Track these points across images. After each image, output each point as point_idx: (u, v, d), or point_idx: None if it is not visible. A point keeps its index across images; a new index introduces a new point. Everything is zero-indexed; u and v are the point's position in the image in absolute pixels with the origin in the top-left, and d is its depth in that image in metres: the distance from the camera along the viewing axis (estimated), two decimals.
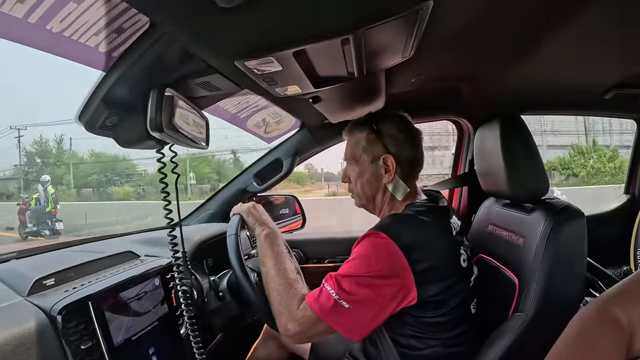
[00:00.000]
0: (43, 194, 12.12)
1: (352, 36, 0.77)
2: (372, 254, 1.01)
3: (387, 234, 1.01)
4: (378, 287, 0.98)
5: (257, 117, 1.60)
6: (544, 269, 1.05)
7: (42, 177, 13.13)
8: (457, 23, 0.91)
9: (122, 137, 0.96)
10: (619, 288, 0.71)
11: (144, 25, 0.77)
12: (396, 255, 0.98)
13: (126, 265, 1.16)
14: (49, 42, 0.76)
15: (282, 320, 1.06)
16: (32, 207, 12.34)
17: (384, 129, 1.18)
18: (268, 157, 1.89)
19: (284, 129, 1.87)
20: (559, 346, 0.69)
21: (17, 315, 0.87)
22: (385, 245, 1.00)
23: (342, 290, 0.99)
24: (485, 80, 1.36)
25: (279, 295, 1.08)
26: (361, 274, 0.99)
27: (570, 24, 0.95)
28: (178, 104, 0.89)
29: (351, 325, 1.00)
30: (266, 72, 0.87)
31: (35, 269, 1.07)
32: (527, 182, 1.19)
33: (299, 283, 1.11)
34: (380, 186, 1.20)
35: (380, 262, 0.99)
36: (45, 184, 12.27)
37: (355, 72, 0.94)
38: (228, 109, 1.43)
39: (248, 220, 1.22)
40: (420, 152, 1.20)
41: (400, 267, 0.98)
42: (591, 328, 0.68)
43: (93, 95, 0.88)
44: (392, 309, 1.01)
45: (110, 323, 0.97)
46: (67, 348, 0.87)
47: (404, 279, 0.99)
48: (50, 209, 12.02)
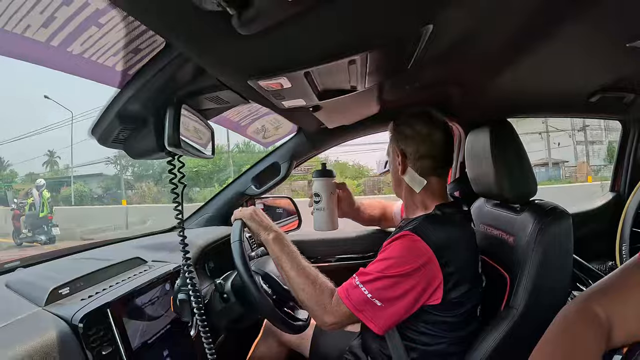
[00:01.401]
0: (38, 198, 11.56)
1: (359, 57, 0.83)
2: (404, 254, 1.06)
3: (419, 235, 1.07)
4: (410, 287, 1.04)
5: (257, 124, 1.64)
6: (532, 266, 1.12)
7: (37, 181, 12.52)
8: (452, 40, 0.97)
9: (134, 149, 0.99)
10: (598, 286, 0.78)
11: (159, 45, 0.80)
12: (428, 255, 1.04)
13: (136, 272, 1.19)
14: (68, 64, 0.79)
15: (317, 314, 1.12)
16: (27, 213, 11.79)
17: (399, 126, 1.27)
18: (266, 161, 1.93)
19: (282, 134, 1.92)
20: (543, 342, 0.74)
21: (39, 325, 0.89)
22: (418, 246, 1.06)
23: (375, 289, 1.05)
24: (475, 87, 1.41)
25: (306, 294, 1.13)
26: (394, 273, 1.05)
27: (554, 34, 1.00)
28: (191, 119, 0.93)
29: (381, 321, 1.06)
30: (276, 90, 0.92)
31: (47, 278, 1.09)
32: (516, 184, 1.25)
33: (321, 277, 1.17)
34: (399, 178, 1.28)
35: (412, 262, 1.04)
36: (40, 188, 11.70)
37: (357, 86, 1.00)
38: (230, 117, 1.46)
39: (251, 226, 1.25)
40: (438, 150, 1.23)
41: (432, 267, 1.04)
42: (572, 324, 0.74)
43: (107, 110, 0.91)
44: (419, 306, 1.07)
45: (128, 328, 1.01)
46: (89, 355, 0.90)
47: (434, 279, 1.05)
48: (46, 214, 11.48)
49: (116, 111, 0.90)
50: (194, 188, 25.45)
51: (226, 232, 1.60)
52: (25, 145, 60.76)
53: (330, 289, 1.14)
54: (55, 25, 0.71)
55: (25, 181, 42.63)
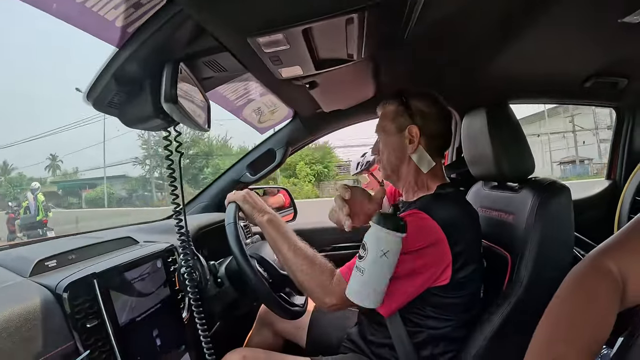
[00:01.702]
0: (33, 202, 11.48)
1: (356, 15, 0.84)
2: (413, 232, 1.00)
3: (427, 213, 1.04)
4: (417, 266, 1.02)
5: (253, 105, 1.64)
6: (534, 241, 1.11)
7: (32, 184, 12.45)
8: (447, 11, 0.99)
9: (129, 115, 0.98)
10: (609, 243, 0.75)
11: (160, 1, 0.81)
12: (437, 234, 1.02)
13: (127, 250, 1.17)
14: (70, 10, 0.78)
15: (317, 295, 1.09)
16: (21, 216, 11.71)
17: (412, 102, 1.22)
18: (261, 148, 1.92)
19: (277, 119, 1.91)
20: (555, 301, 0.71)
21: (21, 293, 0.86)
22: (426, 225, 1.03)
23: None
24: (470, 70, 1.43)
25: (305, 274, 1.10)
26: (403, 250, 0.99)
27: (549, 17, 1.03)
28: (188, 81, 0.93)
29: (385, 300, 0.99)
30: (274, 51, 0.92)
31: (34, 252, 1.07)
32: (514, 163, 1.25)
33: (319, 257, 1.13)
34: (404, 157, 1.23)
35: (421, 241, 1.02)
36: (35, 191, 11.60)
37: (354, 54, 1.01)
38: (227, 95, 1.46)
39: (245, 208, 1.22)
40: (447, 130, 1.23)
41: (441, 245, 1.02)
42: (586, 281, 0.71)
43: (104, 71, 0.90)
44: (427, 285, 1.04)
45: (115, 303, 0.97)
46: (72, 326, 0.87)
47: (443, 258, 1.03)
48: (42, 218, 11.39)
49: (113, 72, 0.89)
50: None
51: (219, 217, 1.59)
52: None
53: (330, 269, 1.11)
54: None
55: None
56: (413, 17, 0.93)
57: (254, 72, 1.11)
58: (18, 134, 59.79)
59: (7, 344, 0.74)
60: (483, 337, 1.10)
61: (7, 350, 0.74)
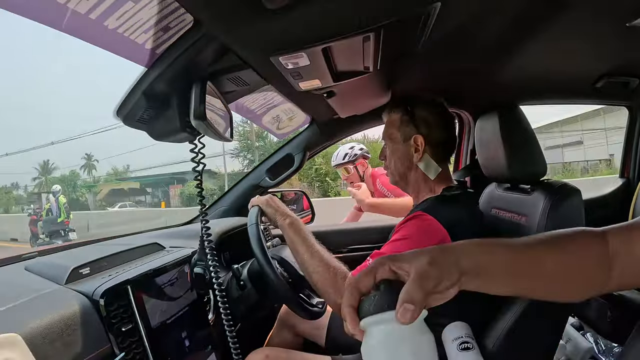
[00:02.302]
0: (55, 204, 11.79)
1: (373, 34, 0.88)
2: (417, 233, 1.07)
3: (432, 214, 1.09)
4: None
5: (272, 113, 1.69)
6: None
7: (53, 187, 12.75)
8: (459, 21, 1.02)
9: (156, 130, 1.03)
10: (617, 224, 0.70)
11: (187, 24, 0.85)
12: (442, 235, 1.06)
13: (155, 256, 1.22)
14: (104, 38, 0.83)
15: (330, 297, 1.12)
16: (44, 218, 12.08)
17: (416, 111, 1.28)
18: (279, 153, 1.96)
19: (295, 125, 1.96)
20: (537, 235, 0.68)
21: (60, 300, 0.91)
22: (430, 225, 1.07)
23: None
24: (484, 74, 1.45)
25: (320, 276, 1.14)
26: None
27: (560, 20, 1.04)
28: (213, 96, 0.98)
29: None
30: (295, 68, 0.97)
31: (67, 260, 1.12)
32: (526, 165, 1.28)
33: (335, 261, 1.17)
34: (411, 165, 1.29)
35: (426, 241, 1.05)
36: (56, 194, 11.91)
37: (370, 67, 1.06)
38: (247, 105, 1.51)
39: (267, 211, 1.27)
40: (452, 136, 1.29)
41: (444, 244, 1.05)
42: (581, 234, 0.69)
43: (134, 89, 0.95)
44: None
45: (147, 307, 1.03)
46: (109, 330, 0.92)
47: None
48: (63, 219, 11.64)
49: (143, 90, 0.94)
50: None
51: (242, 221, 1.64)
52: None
53: (344, 272, 1.15)
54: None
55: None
56: (427, 29, 0.97)
57: (275, 85, 1.16)
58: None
59: (50, 349, 0.79)
60: (497, 335, 1.13)
61: (50, 355, 0.78)
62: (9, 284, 1.04)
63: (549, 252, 0.63)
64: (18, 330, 0.74)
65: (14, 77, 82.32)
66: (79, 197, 39.42)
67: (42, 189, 44.33)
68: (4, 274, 1.13)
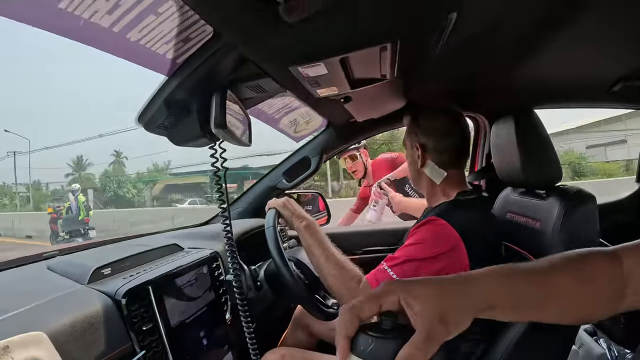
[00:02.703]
0: (74, 202, 12.00)
1: (390, 44, 0.89)
2: (431, 238, 1.09)
3: (445, 219, 1.10)
4: (437, 270, 1.06)
5: (290, 117, 1.71)
6: (559, 246, 1.12)
7: (72, 185, 13.14)
8: (475, 28, 1.02)
9: (177, 136, 1.06)
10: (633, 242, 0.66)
11: (207, 35, 0.87)
12: (455, 239, 1.07)
13: (174, 256, 1.25)
14: (126, 50, 0.86)
15: (345, 299, 1.14)
16: (64, 216, 12.23)
17: (419, 119, 1.31)
18: (296, 156, 1.98)
19: (312, 129, 1.98)
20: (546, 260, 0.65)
21: (83, 300, 0.94)
22: (443, 230, 1.09)
23: (402, 273, 1.07)
24: (499, 78, 1.44)
25: (335, 279, 1.16)
26: (421, 257, 1.07)
27: (577, 22, 1.03)
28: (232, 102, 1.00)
29: None
30: (313, 77, 0.99)
31: (89, 260, 1.15)
32: (541, 171, 1.27)
33: (349, 263, 1.19)
34: (418, 170, 1.31)
35: (439, 246, 1.07)
36: (75, 192, 12.18)
37: (387, 74, 1.07)
38: (265, 110, 1.53)
39: (284, 214, 1.29)
40: (458, 144, 1.29)
41: (458, 250, 1.07)
42: (589, 256, 0.65)
43: (155, 97, 0.97)
44: None
45: (167, 306, 1.06)
46: (130, 329, 0.95)
47: (461, 263, 1.07)
48: (83, 217, 11.89)
49: (164, 98, 0.97)
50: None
51: (259, 223, 1.66)
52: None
53: (358, 275, 1.16)
54: (118, 12, 0.77)
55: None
56: (443, 38, 0.97)
57: (293, 91, 1.17)
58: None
59: (74, 347, 0.82)
60: (509, 339, 1.12)
61: (73, 352, 0.81)
62: (32, 283, 1.07)
63: (565, 280, 0.61)
64: (43, 328, 0.77)
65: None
66: (125, 193, 38.65)
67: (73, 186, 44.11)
68: (27, 273, 1.17)
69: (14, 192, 40.67)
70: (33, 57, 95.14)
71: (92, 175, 45.77)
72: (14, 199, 40.28)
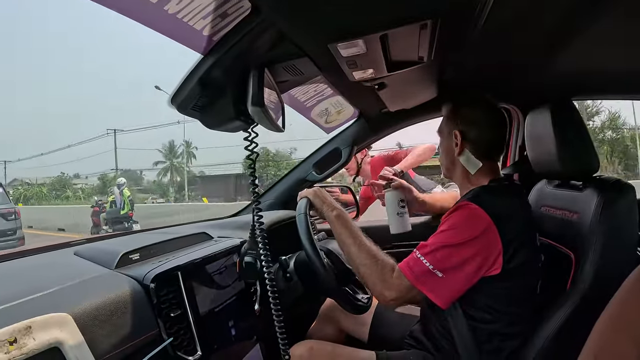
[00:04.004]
0: (119, 196, 12.14)
1: (430, 21, 0.85)
2: (464, 223, 1.05)
3: (477, 203, 1.06)
4: (470, 255, 1.03)
5: (321, 106, 1.67)
6: (599, 239, 1.08)
7: (118, 179, 13.22)
8: (513, 10, 0.97)
9: (210, 118, 1.02)
10: None
11: (245, 11, 0.84)
12: (487, 223, 1.03)
13: (203, 245, 1.22)
14: (164, 22, 0.83)
15: (378, 289, 1.11)
16: (107, 210, 12.45)
17: (460, 107, 1.27)
18: (327, 147, 1.95)
19: (343, 119, 1.93)
20: (613, 303, 0.68)
21: (111, 284, 0.92)
22: (476, 214, 1.05)
23: (435, 260, 1.04)
24: (535, 67, 1.38)
25: (368, 268, 1.13)
26: (454, 242, 1.04)
27: (617, 7, 0.98)
28: (268, 84, 0.96)
29: (443, 292, 1.04)
30: (351, 56, 0.95)
31: (117, 245, 1.13)
32: (579, 161, 1.23)
33: (381, 253, 1.16)
34: (454, 159, 1.27)
35: (472, 230, 1.03)
36: (121, 186, 12.25)
37: (425, 56, 1.03)
38: (298, 97, 1.50)
39: (315, 202, 1.26)
40: (496, 136, 1.26)
41: (491, 233, 1.03)
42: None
43: (189, 77, 0.94)
44: (480, 275, 1.05)
45: (196, 294, 1.03)
46: (157, 315, 0.93)
47: (494, 246, 1.03)
48: (127, 211, 11.99)
49: (199, 77, 0.93)
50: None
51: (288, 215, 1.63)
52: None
53: (391, 264, 1.13)
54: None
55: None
56: (481, 19, 0.93)
57: (328, 75, 1.13)
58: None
59: (99, 330, 0.80)
60: (545, 335, 1.08)
61: (98, 336, 0.79)
62: (59, 267, 1.06)
63: None
64: (68, 310, 0.76)
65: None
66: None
67: (173, 176, 43.08)
68: (54, 258, 1.16)
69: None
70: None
71: (182, 164, 43.96)
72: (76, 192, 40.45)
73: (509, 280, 1.06)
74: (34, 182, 44.77)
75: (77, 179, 48.54)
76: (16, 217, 9.17)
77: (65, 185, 43.93)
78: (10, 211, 9.13)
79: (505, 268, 1.04)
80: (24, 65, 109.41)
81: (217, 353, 1.05)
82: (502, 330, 1.11)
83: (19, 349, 0.66)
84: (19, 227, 9.25)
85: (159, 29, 0.85)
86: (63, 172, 47.23)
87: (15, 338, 0.66)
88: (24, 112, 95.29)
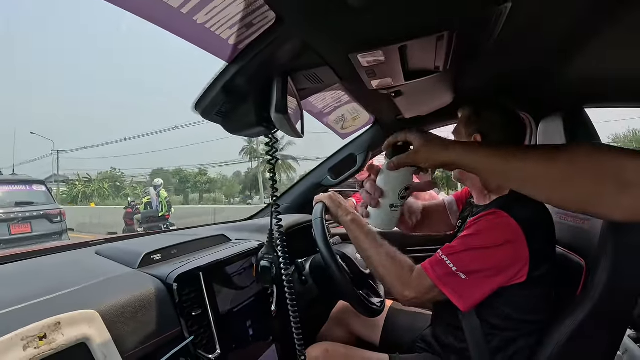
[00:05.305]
0: (155, 198, 11.45)
1: (447, 33, 0.86)
2: (492, 229, 1.04)
3: (507, 211, 1.05)
4: (496, 262, 1.02)
5: (338, 113, 1.68)
6: (610, 246, 1.07)
7: (155, 180, 12.34)
8: (529, 19, 0.98)
9: (233, 123, 1.04)
10: None
11: (270, 21, 0.85)
12: (515, 230, 1.02)
13: (222, 247, 1.24)
14: (192, 32, 0.85)
15: (397, 289, 1.10)
16: (142, 211, 11.74)
17: (483, 111, 1.26)
18: (342, 152, 1.95)
19: (358, 125, 1.92)
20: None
21: (135, 283, 0.94)
22: (505, 222, 1.04)
23: (460, 262, 1.03)
24: (547, 76, 1.37)
25: (386, 269, 1.12)
26: (479, 246, 1.03)
27: (632, 14, 0.98)
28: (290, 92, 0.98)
29: (465, 294, 1.03)
30: (370, 65, 0.96)
31: (138, 246, 1.15)
32: None
33: (399, 253, 1.16)
34: None
35: (500, 237, 1.03)
36: (157, 187, 11.53)
37: (441, 66, 1.04)
38: (316, 103, 1.52)
39: (331, 207, 1.26)
40: (516, 140, 1.24)
41: (518, 241, 1.02)
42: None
43: (214, 84, 0.95)
44: (504, 281, 1.04)
45: (217, 294, 1.04)
46: (180, 314, 0.94)
47: (521, 255, 1.03)
48: (164, 213, 11.25)
49: (223, 84, 0.95)
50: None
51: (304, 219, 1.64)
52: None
53: (410, 265, 1.13)
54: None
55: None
56: (497, 29, 0.94)
57: (347, 83, 1.15)
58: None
59: (124, 327, 0.81)
60: (555, 342, 1.07)
61: (124, 332, 0.81)
62: (82, 265, 1.07)
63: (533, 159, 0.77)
64: (95, 307, 0.77)
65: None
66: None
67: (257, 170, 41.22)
68: (76, 257, 1.17)
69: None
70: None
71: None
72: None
73: (531, 288, 1.06)
74: (80, 177, 40.73)
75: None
76: (62, 218, 8.37)
77: (117, 181, 41.97)
78: (56, 212, 8.31)
79: (530, 277, 1.03)
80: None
81: (235, 352, 1.06)
82: (516, 337, 1.10)
83: (48, 344, 0.67)
84: (65, 231, 8.45)
85: (187, 38, 0.87)
86: (114, 167, 44.89)
87: (45, 334, 0.68)
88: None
